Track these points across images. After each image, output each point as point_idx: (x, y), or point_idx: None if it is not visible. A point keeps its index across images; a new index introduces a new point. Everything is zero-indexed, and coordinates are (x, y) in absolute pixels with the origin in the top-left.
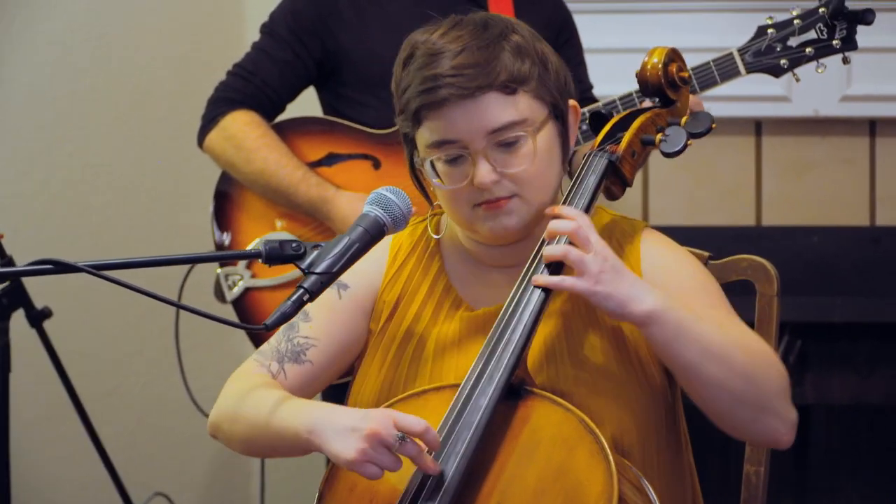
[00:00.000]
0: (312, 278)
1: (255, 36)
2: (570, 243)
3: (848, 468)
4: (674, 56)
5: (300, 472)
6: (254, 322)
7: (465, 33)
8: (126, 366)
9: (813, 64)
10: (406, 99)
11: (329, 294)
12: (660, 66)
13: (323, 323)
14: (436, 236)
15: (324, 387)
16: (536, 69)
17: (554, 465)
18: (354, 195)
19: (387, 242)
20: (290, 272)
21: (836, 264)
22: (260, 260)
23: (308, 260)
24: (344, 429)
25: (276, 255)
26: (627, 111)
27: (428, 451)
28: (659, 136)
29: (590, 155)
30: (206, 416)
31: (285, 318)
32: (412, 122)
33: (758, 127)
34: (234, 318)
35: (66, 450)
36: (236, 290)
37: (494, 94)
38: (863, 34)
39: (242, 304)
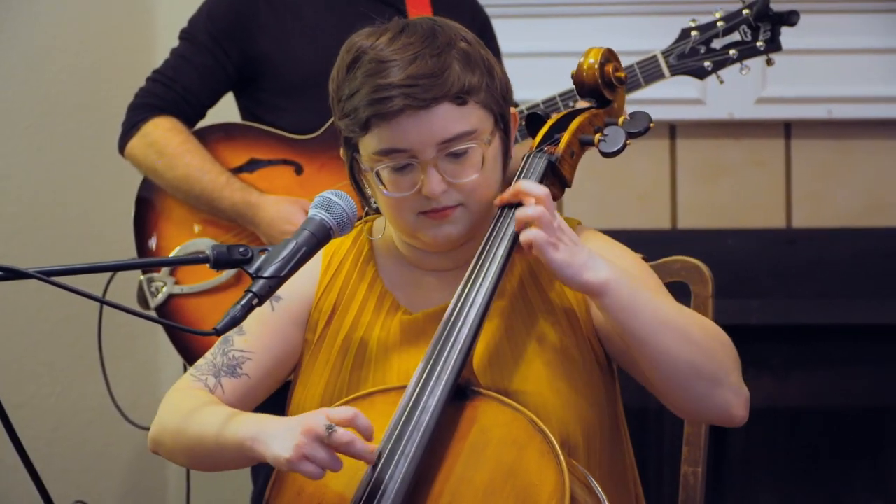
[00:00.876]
0: (261, 282)
1: (166, 46)
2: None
3: (765, 469)
4: (610, 56)
5: (225, 477)
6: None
7: (414, 41)
8: (42, 374)
9: (737, 66)
10: (354, 106)
11: (262, 308)
12: (596, 66)
13: (257, 336)
14: (373, 238)
15: (261, 399)
16: (484, 79)
17: (504, 465)
18: (279, 198)
19: (319, 252)
20: (213, 278)
21: (752, 266)
22: (208, 265)
23: (256, 264)
24: (281, 430)
25: (224, 259)
26: (564, 112)
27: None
28: (598, 136)
29: (529, 156)
30: (130, 422)
31: (235, 322)
32: (359, 128)
33: (672, 130)
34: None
35: None
36: (160, 297)
37: (447, 105)
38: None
39: (166, 311)
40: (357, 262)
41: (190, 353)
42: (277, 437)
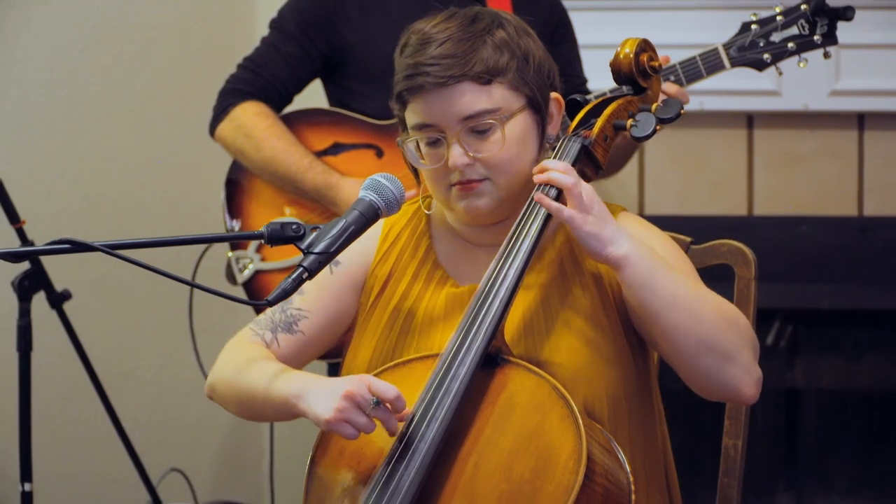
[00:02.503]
0: (311, 258)
1: (265, 33)
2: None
3: (836, 450)
4: (645, 46)
5: (307, 446)
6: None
7: (452, 25)
8: (142, 347)
9: (795, 58)
10: (395, 82)
11: (322, 271)
12: (631, 55)
13: (314, 297)
14: (427, 212)
15: (314, 357)
16: (515, 62)
17: (528, 428)
18: (358, 181)
19: (379, 223)
20: (296, 255)
21: (825, 253)
22: (263, 241)
23: (307, 241)
24: (324, 391)
25: (278, 236)
26: (601, 98)
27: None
28: (630, 122)
29: (564, 139)
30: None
31: (286, 294)
32: (399, 104)
33: (749, 120)
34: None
35: (85, 428)
36: (246, 273)
37: (468, 84)
38: (850, 30)
39: (252, 286)
40: (413, 234)
41: None
42: (320, 398)
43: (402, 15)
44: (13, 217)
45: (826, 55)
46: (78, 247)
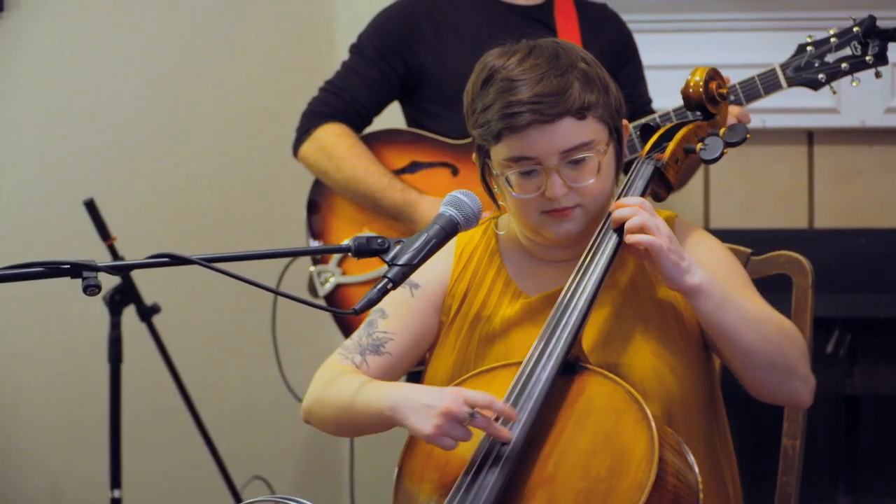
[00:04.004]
0: (395, 269)
1: (345, 58)
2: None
3: (894, 454)
4: (714, 74)
5: (386, 454)
6: (345, 316)
7: (541, 62)
8: (227, 359)
9: (848, 78)
10: (487, 119)
11: (402, 293)
12: (701, 83)
13: (398, 319)
14: (500, 232)
15: (401, 376)
16: (601, 96)
17: (604, 430)
18: (435, 200)
19: (452, 244)
20: (376, 269)
21: (882, 264)
22: (350, 254)
23: (392, 253)
24: (421, 406)
25: (364, 249)
26: (673, 123)
27: (502, 421)
28: (699, 145)
29: (638, 161)
30: (300, 402)
31: (371, 303)
32: (492, 138)
33: (809, 137)
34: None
35: (173, 437)
36: (328, 286)
37: (568, 120)
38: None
39: (333, 299)
40: (485, 253)
41: None
42: (418, 412)
43: (473, 37)
44: (104, 234)
45: (878, 75)
46: (176, 260)
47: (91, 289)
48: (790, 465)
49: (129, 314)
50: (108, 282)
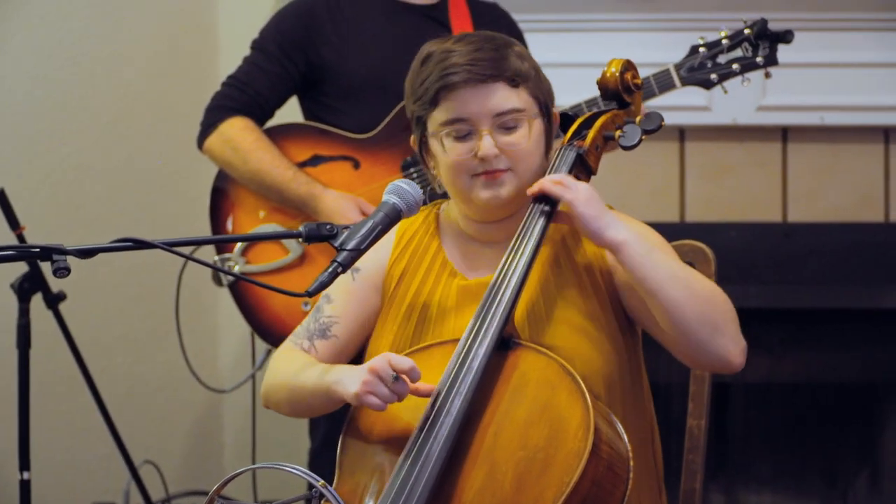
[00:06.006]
0: (344, 254)
1: (228, 54)
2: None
3: (762, 441)
4: (629, 66)
5: (286, 433)
6: (251, 302)
7: (476, 39)
8: (130, 343)
9: (739, 78)
10: (426, 87)
11: (345, 278)
12: (617, 73)
13: (342, 303)
14: (440, 215)
15: (348, 358)
16: (533, 72)
17: (540, 401)
18: (339, 194)
19: (393, 229)
20: (279, 259)
21: (751, 256)
22: (300, 239)
23: (340, 239)
24: (355, 372)
25: (314, 234)
26: (591, 113)
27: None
28: (618, 133)
29: (561, 148)
30: (205, 386)
31: (323, 286)
32: (429, 104)
33: (681, 134)
34: (229, 300)
35: (77, 419)
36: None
37: (502, 84)
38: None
39: (237, 287)
40: (424, 236)
41: (260, 325)
42: (352, 378)
43: (373, 34)
44: (14, 223)
45: (767, 75)
46: (139, 244)
47: (61, 271)
48: (696, 444)
49: (37, 301)
50: (16, 270)
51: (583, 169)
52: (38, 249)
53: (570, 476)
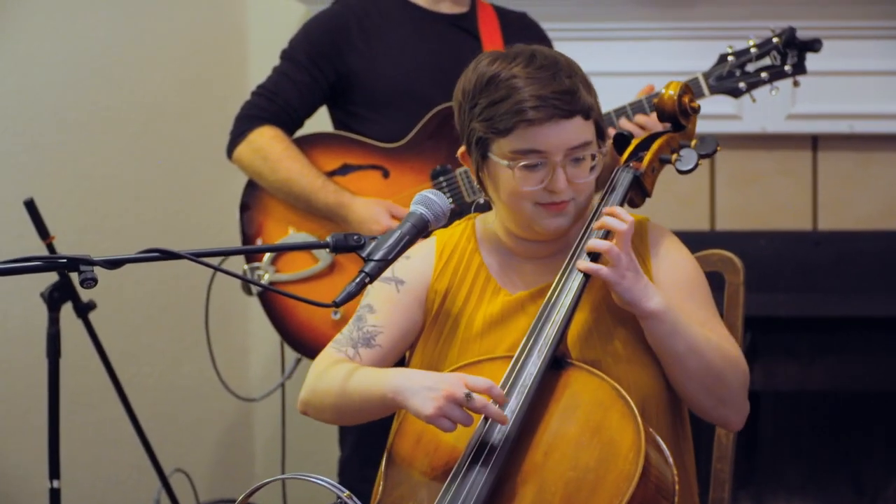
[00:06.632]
0: (372, 264)
1: (257, 62)
2: (606, 237)
3: (791, 448)
4: (686, 89)
5: (315, 441)
6: (280, 311)
7: (547, 64)
8: (160, 353)
9: (768, 87)
10: (498, 112)
11: (389, 289)
12: (675, 97)
13: (386, 313)
14: (478, 232)
15: (391, 366)
16: (596, 101)
17: (592, 423)
18: (368, 200)
19: (433, 243)
20: (308, 268)
21: (781, 265)
22: (328, 249)
23: (368, 249)
24: (422, 388)
25: (342, 245)
26: (647, 134)
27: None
28: (675, 156)
29: (618, 170)
30: (235, 396)
31: (351, 296)
32: (503, 130)
33: None
34: (259, 309)
35: (107, 428)
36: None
37: (579, 118)
38: (806, 59)
39: (267, 296)
40: (465, 252)
41: (289, 334)
42: (419, 394)
43: (401, 44)
44: (44, 233)
45: (795, 83)
46: (166, 255)
47: (87, 282)
48: (724, 454)
49: (67, 310)
50: (47, 280)
51: (638, 191)
52: (65, 260)
53: (620, 499)
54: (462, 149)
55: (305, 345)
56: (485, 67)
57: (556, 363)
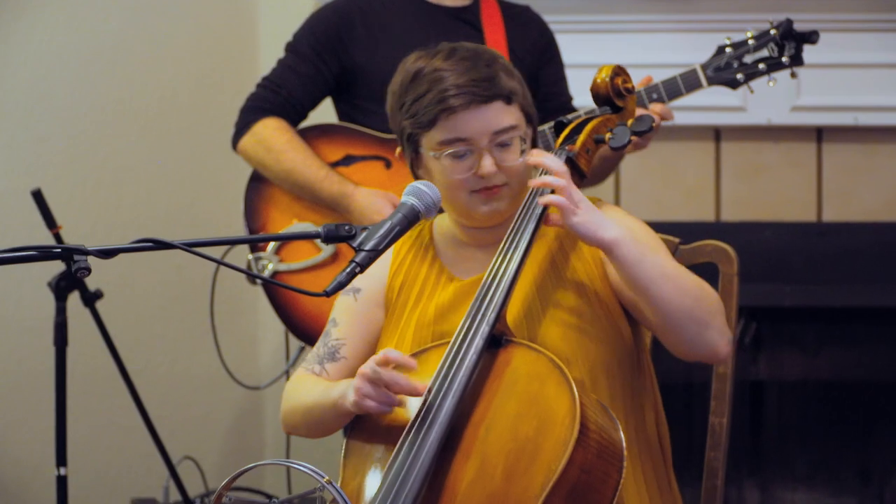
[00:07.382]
0: (363, 254)
1: (268, 54)
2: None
3: (798, 438)
4: (619, 71)
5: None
6: (283, 300)
7: (467, 55)
8: (166, 341)
9: (765, 78)
10: (421, 107)
11: (348, 300)
12: (607, 79)
13: (348, 324)
14: (433, 228)
15: None
16: (521, 87)
17: (529, 395)
18: (371, 191)
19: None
20: (312, 256)
21: (786, 255)
22: (319, 240)
23: (359, 239)
24: (352, 383)
25: (333, 235)
26: (582, 117)
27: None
28: (608, 135)
29: (553, 152)
30: (241, 385)
31: (341, 285)
32: (426, 124)
33: (717, 134)
34: (264, 298)
35: (114, 416)
36: (266, 273)
37: (499, 103)
38: (810, 51)
39: (270, 286)
40: (420, 247)
41: (293, 323)
42: (350, 389)
43: (405, 37)
44: (51, 223)
45: (793, 75)
46: (159, 245)
47: (82, 271)
48: (717, 442)
49: (74, 299)
50: (54, 269)
51: (574, 172)
52: (59, 250)
53: (558, 463)
54: (398, 150)
55: (308, 333)
56: (410, 65)
57: (496, 342)
